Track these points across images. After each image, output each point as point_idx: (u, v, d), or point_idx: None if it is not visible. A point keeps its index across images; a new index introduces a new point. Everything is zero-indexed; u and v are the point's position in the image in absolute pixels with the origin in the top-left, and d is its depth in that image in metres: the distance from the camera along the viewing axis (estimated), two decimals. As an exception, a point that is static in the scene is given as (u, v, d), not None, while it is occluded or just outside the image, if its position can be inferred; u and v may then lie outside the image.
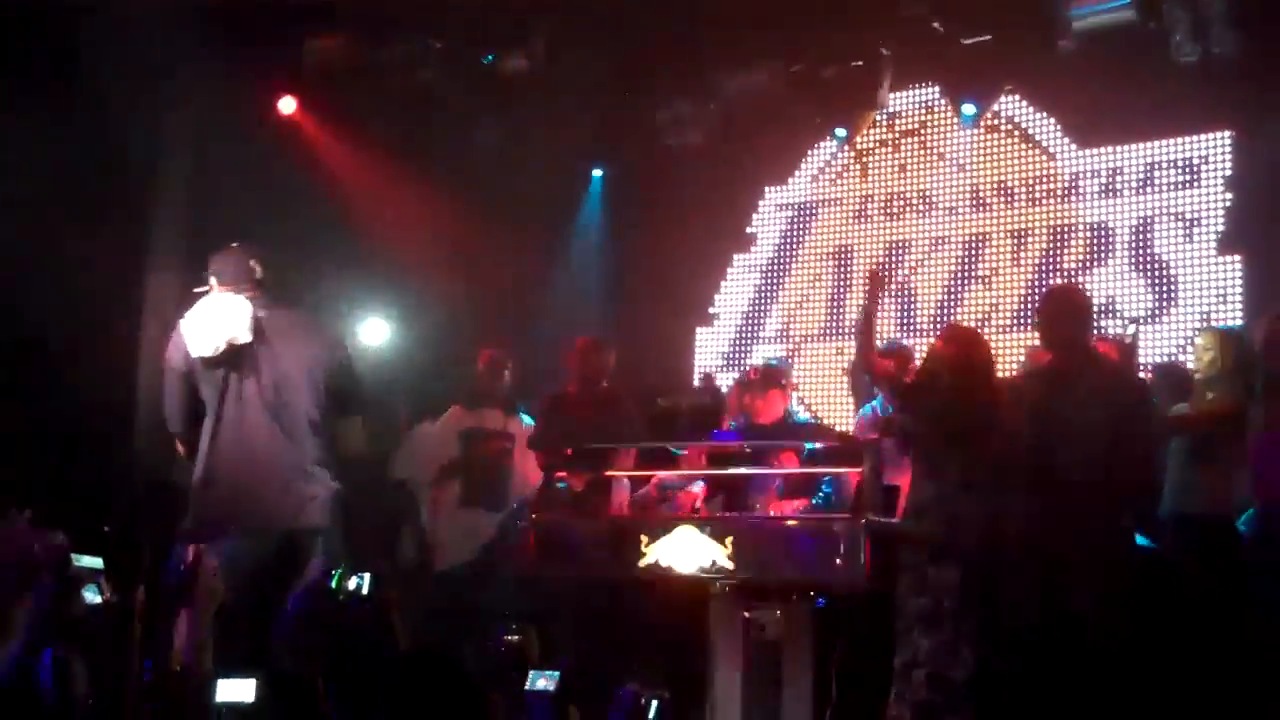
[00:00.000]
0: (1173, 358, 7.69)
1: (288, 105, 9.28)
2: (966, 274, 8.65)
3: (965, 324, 8.03)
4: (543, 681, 3.36)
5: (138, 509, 6.84)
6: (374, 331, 8.79)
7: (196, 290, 5.27)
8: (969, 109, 8.55)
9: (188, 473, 5.26)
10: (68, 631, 4.08)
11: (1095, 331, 6.40)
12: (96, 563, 3.78)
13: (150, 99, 8.48)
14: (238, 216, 8.50)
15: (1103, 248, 8.28)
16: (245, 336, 5.16)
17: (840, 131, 8.93)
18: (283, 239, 8.57)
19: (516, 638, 3.91)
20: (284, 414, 5.15)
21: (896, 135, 9.01)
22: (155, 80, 8.38)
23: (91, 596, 4.09)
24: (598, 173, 9.65)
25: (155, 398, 7.77)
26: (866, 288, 6.36)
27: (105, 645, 4.39)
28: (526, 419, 7.65)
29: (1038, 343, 6.11)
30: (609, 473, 7.25)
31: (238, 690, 2.86)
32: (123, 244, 8.56)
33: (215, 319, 5.16)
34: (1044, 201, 8.51)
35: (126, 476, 8.14)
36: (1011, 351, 7.96)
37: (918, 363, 5.92)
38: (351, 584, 3.86)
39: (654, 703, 3.26)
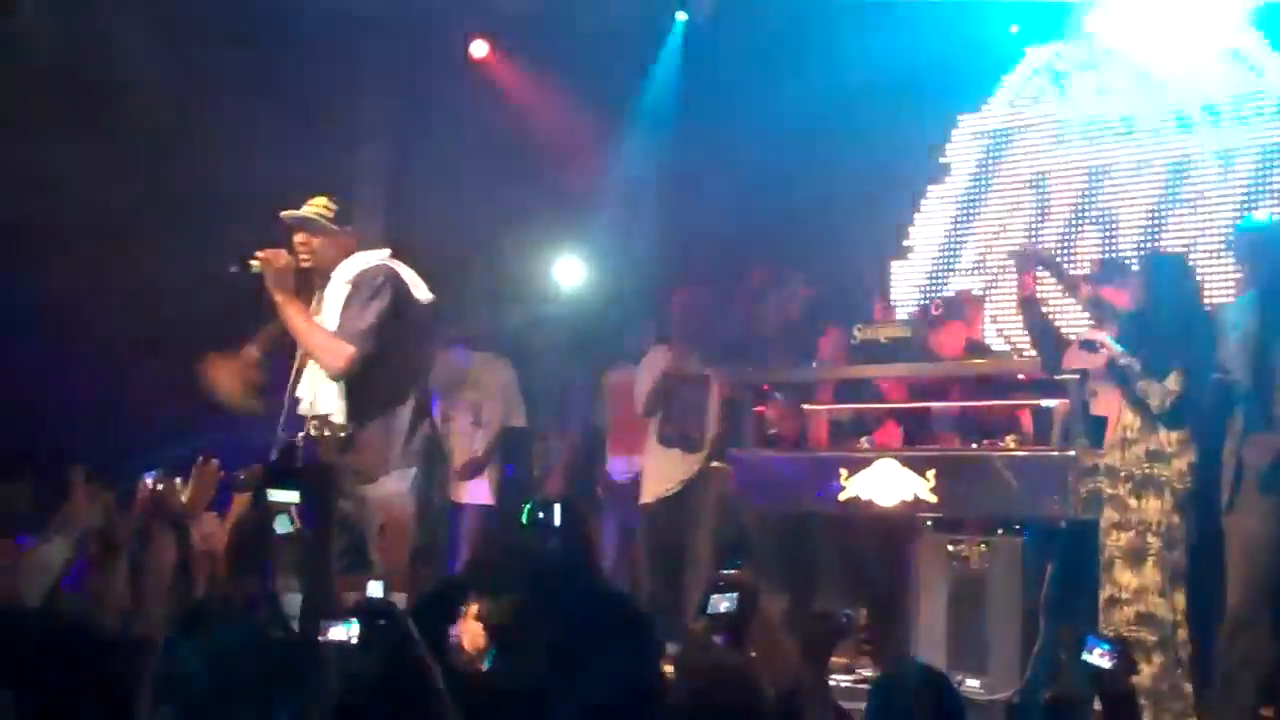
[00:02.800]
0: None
1: (480, 49, 9.40)
2: (1171, 198, 8.37)
3: (1171, 250, 7.81)
4: (725, 604, 3.36)
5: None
6: (569, 272, 8.88)
7: None
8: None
9: None
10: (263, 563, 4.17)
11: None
12: (292, 496, 3.87)
13: (349, 46, 8.68)
14: (435, 159, 8.70)
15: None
16: None
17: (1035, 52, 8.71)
18: (476, 183, 8.79)
19: (736, 572, 3.91)
20: None
21: (1096, 56, 8.74)
22: (351, 25, 8.58)
23: (282, 528, 4.20)
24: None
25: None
26: (1016, 277, 6.22)
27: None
28: None
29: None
30: (807, 405, 7.26)
31: (342, 632, 2.96)
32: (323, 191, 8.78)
33: None
34: (1253, 121, 8.18)
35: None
36: (1219, 278, 7.69)
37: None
38: (541, 517, 3.91)
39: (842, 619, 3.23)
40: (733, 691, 3.18)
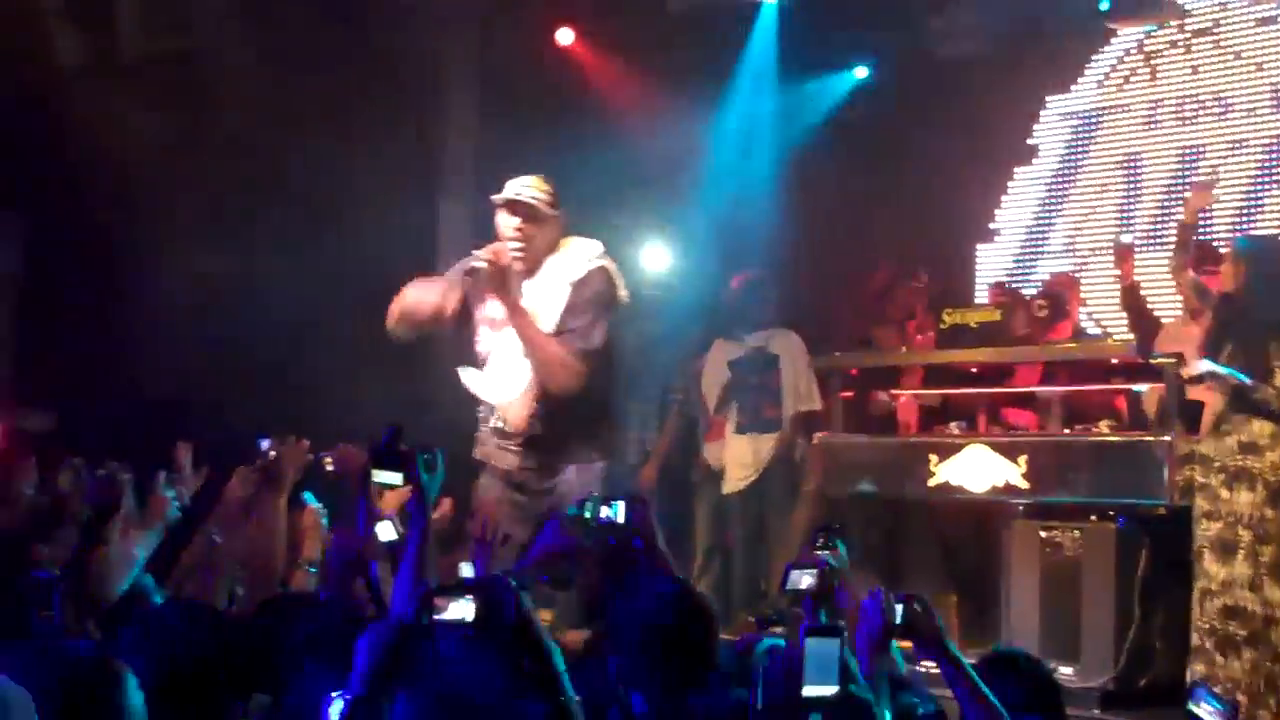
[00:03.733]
0: None
1: (566, 36, 9.45)
2: (1266, 179, 8.24)
3: (1265, 233, 7.70)
4: (805, 580, 3.35)
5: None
6: (656, 257, 8.91)
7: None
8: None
9: None
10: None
11: None
12: (396, 478, 3.90)
13: (438, 30, 8.77)
14: (521, 146, 8.75)
15: None
16: None
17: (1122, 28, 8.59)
18: (562, 170, 8.82)
19: (827, 552, 3.90)
20: None
21: (1188, 35, 8.61)
22: (442, 12, 8.67)
23: (386, 535, 4.24)
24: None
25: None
26: (1117, 266, 6.14)
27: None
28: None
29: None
30: (896, 391, 7.24)
31: (460, 609, 2.93)
32: (413, 176, 8.89)
33: None
34: (1352, 99, 8.04)
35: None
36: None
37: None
38: (605, 512, 3.92)
39: (899, 606, 3.20)
40: None
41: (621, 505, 3.83)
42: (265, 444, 4.29)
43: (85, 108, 8.33)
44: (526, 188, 5.20)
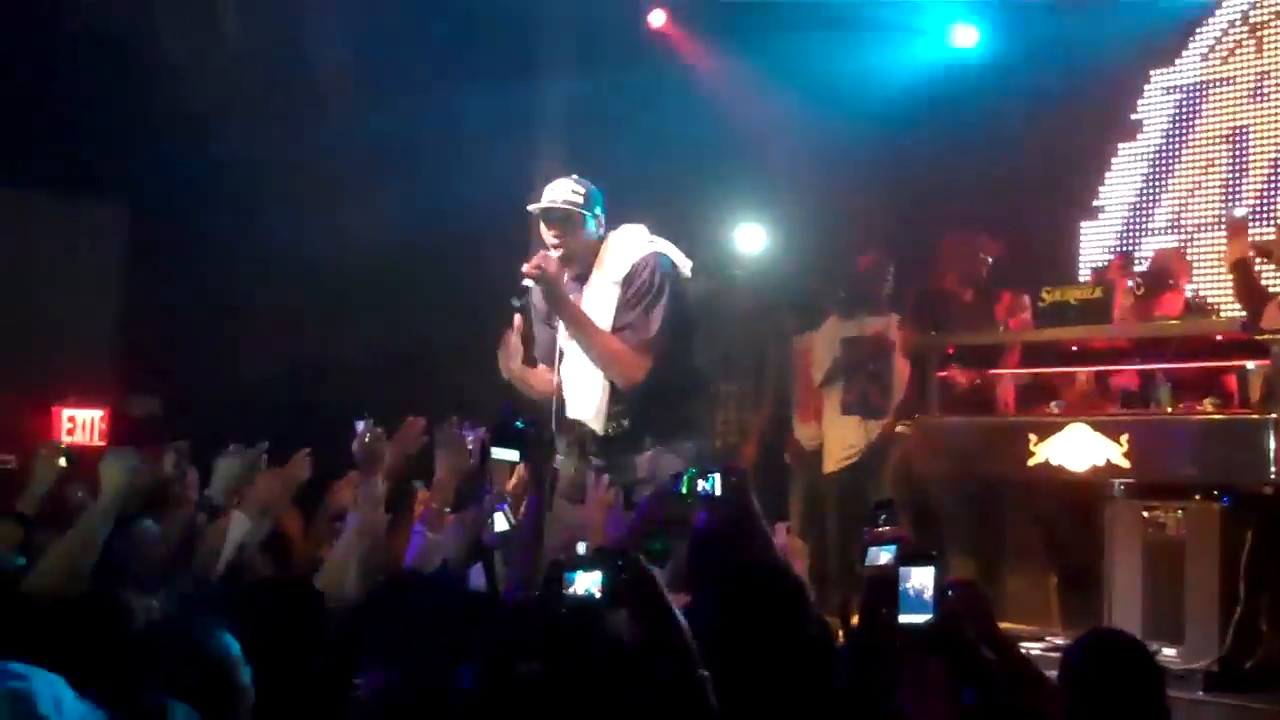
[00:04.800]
0: None
1: (658, 18, 9.43)
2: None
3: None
4: (884, 556, 3.30)
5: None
6: (750, 237, 8.86)
7: None
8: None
9: None
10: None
11: None
12: (513, 454, 3.91)
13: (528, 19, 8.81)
14: (613, 128, 8.76)
15: None
16: None
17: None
18: (656, 150, 8.83)
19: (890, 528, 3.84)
20: None
21: (1297, 5, 8.40)
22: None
23: (500, 525, 4.26)
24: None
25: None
26: (1230, 240, 5.98)
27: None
28: None
29: None
30: (994, 370, 7.15)
31: (588, 582, 2.90)
32: (508, 157, 8.93)
33: None
34: None
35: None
36: None
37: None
38: (702, 485, 3.89)
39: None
40: None
41: (718, 478, 3.82)
42: (361, 426, 4.33)
43: (189, 95, 8.46)
44: (559, 193, 5.23)
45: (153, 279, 8.89)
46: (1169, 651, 5.52)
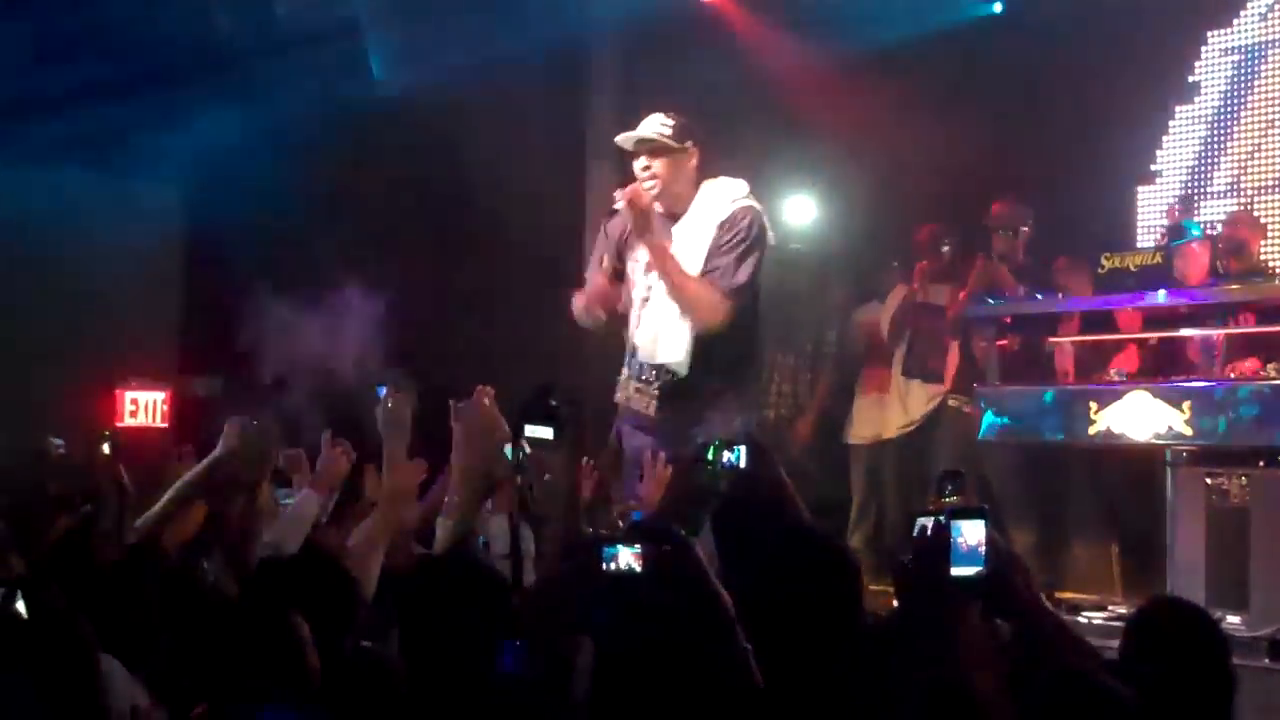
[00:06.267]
0: None
1: (710, -9, 9.39)
2: None
3: None
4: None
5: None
6: (801, 210, 8.81)
7: None
8: None
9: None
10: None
11: None
12: (547, 432, 3.87)
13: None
14: (666, 102, 8.73)
15: None
16: None
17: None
18: (707, 124, 8.79)
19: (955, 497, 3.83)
20: None
21: (1359, -39, 8.25)
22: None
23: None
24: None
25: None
26: None
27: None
28: None
29: None
30: (1052, 339, 7.10)
31: (628, 559, 2.89)
32: (561, 136, 8.95)
33: None
34: None
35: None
36: None
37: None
38: (727, 456, 3.86)
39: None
40: None
41: (744, 450, 3.79)
42: (383, 391, 4.25)
43: (244, 79, 8.53)
44: (649, 126, 5.21)
45: (211, 260, 8.97)
46: (1233, 619, 5.49)
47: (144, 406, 8.73)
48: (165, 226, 9.29)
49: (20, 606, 2.89)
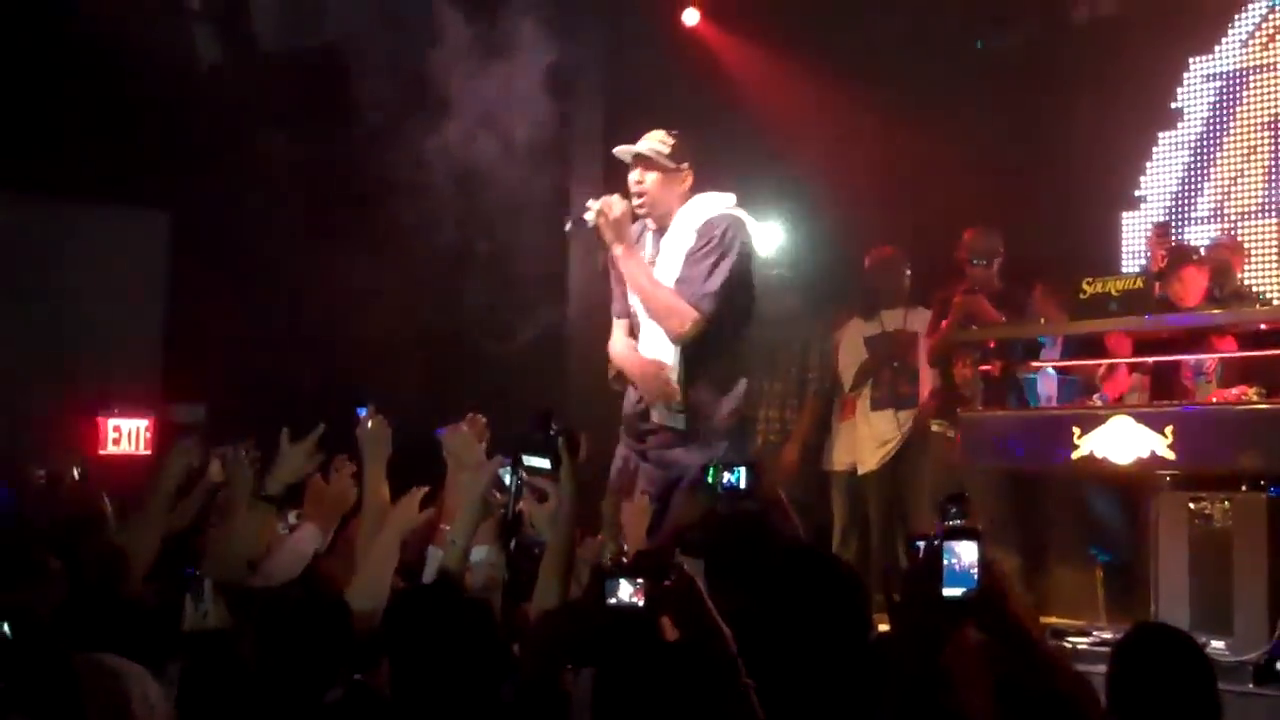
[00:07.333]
0: None
1: (691, 17, 9.41)
2: None
3: None
4: None
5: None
6: (788, 235, 8.79)
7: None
8: None
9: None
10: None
11: None
12: (545, 463, 3.83)
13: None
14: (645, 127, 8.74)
15: None
16: None
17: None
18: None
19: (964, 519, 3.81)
20: None
21: (1338, -12, 8.31)
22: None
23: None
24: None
25: (587, 302, 8.23)
26: None
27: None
28: None
29: None
30: (1034, 364, 7.10)
31: (627, 592, 2.86)
32: (544, 157, 8.93)
33: None
34: None
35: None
36: None
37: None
38: (727, 477, 3.85)
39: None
40: None
41: (744, 471, 3.78)
42: (363, 412, 4.28)
43: (227, 106, 8.51)
44: (647, 141, 5.28)
45: (194, 287, 8.94)
46: (1217, 644, 5.47)
47: (127, 434, 8.71)
48: (149, 253, 9.25)
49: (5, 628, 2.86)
